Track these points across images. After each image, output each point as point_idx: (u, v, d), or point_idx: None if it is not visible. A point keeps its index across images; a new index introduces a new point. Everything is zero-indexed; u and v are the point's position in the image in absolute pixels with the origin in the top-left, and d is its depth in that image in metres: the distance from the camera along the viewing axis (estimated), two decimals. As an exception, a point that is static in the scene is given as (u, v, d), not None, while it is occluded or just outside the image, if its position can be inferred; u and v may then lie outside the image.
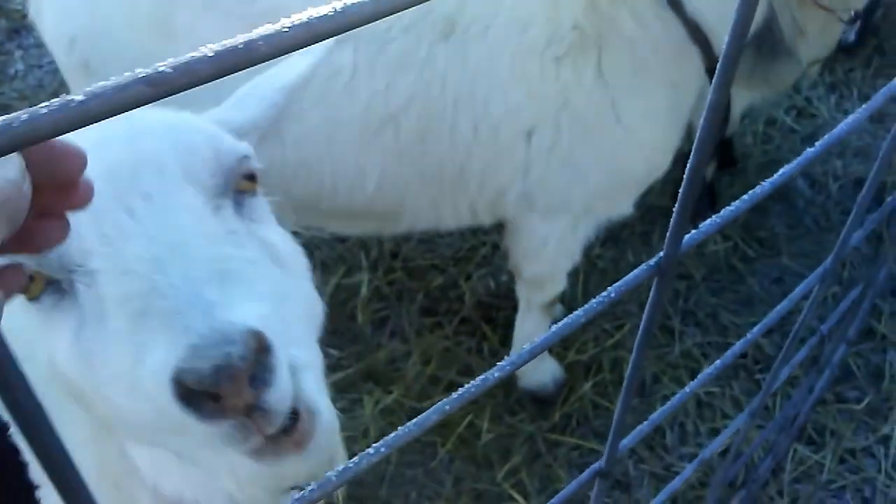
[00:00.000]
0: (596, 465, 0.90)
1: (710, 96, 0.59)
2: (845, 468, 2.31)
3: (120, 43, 1.93)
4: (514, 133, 1.94)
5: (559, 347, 2.64)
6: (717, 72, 0.58)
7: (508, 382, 2.54)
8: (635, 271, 0.72)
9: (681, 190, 0.67)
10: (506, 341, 2.62)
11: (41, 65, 3.66)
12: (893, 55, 3.72)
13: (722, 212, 0.74)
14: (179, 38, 1.89)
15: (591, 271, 2.88)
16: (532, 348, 0.70)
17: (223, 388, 0.70)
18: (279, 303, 0.85)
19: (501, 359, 2.23)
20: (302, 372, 0.82)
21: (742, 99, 2.70)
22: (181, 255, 0.78)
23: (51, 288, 0.83)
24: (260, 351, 0.73)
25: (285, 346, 0.78)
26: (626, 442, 0.93)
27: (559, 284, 2.38)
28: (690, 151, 1.99)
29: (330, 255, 2.96)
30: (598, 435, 2.43)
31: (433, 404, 2.03)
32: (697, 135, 0.62)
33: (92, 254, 0.79)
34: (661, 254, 0.71)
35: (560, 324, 0.70)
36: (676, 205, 0.67)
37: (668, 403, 1.00)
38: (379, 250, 2.96)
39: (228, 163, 0.92)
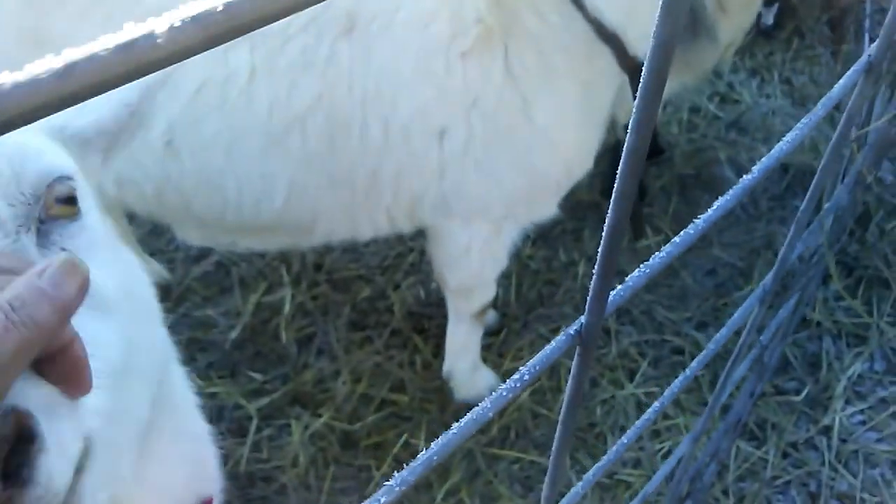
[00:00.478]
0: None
1: (629, 137, 0.48)
2: (789, 463, 2.27)
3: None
4: (425, 134, 1.83)
5: (494, 355, 2.54)
6: (633, 118, 0.48)
7: (443, 395, 2.42)
8: (553, 344, 0.62)
9: (601, 248, 0.56)
10: (438, 352, 2.50)
11: None
12: (812, 37, 3.74)
13: (650, 260, 0.65)
14: (52, 48, 1.71)
15: (523, 273, 2.79)
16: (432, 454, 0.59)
17: None
18: (108, 379, 0.71)
19: (435, 371, 2.11)
20: (93, 459, 0.67)
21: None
22: None
23: None
24: (21, 438, 0.58)
25: (78, 425, 0.65)
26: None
27: (488, 292, 2.28)
28: (616, 143, 1.88)
29: (249, 272, 2.80)
30: (538, 446, 2.33)
31: (365, 426, 1.90)
32: (617, 181, 0.51)
33: None
34: (582, 319, 0.60)
35: (465, 418, 0.62)
36: (597, 263, 0.56)
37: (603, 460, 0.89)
38: (301, 263, 2.80)
39: (31, 187, 0.77)
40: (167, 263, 2.80)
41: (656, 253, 0.66)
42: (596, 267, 0.56)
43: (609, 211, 0.53)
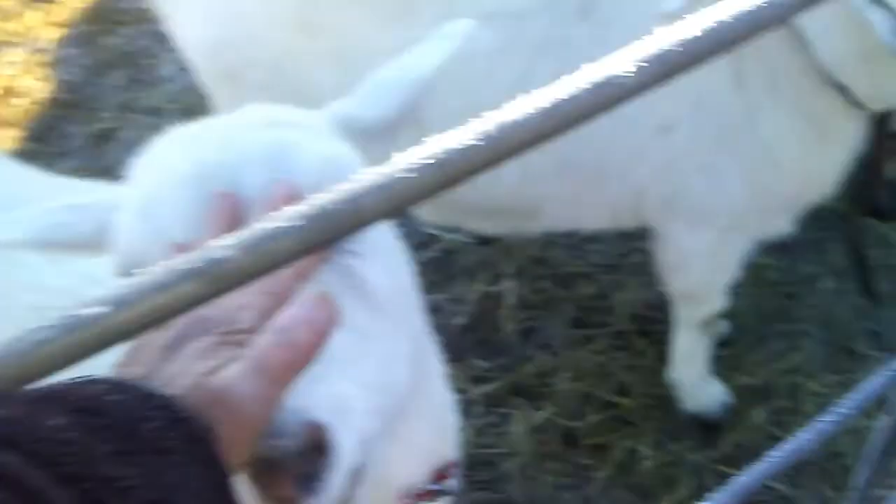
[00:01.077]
0: None
1: None
2: None
3: (261, 43, 1.88)
4: (650, 129, 1.77)
5: (725, 369, 2.41)
6: None
7: (670, 404, 2.34)
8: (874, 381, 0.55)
9: None
10: (663, 357, 2.42)
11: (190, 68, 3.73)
12: None
13: None
14: (319, 33, 1.82)
15: (759, 282, 2.62)
16: None
17: (270, 476, 0.64)
18: (361, 367, 0.76)
19: (660, 378, 2.04)
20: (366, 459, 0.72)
21: None
22: None
23: None
24: (315, 449, 0.65)
25: (359, 427, 0.71)
26: None
27: (716, 301, 2.16)
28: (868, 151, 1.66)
29: (472, 261, 2.84)
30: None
31: (587, 425, 1.87)
32: None
33: None
34: None
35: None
36: None
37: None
38: (525, 256, 2.81)
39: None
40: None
41: None
42: None
43: None
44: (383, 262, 0.87)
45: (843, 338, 2.46)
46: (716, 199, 1.86)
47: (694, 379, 2.30)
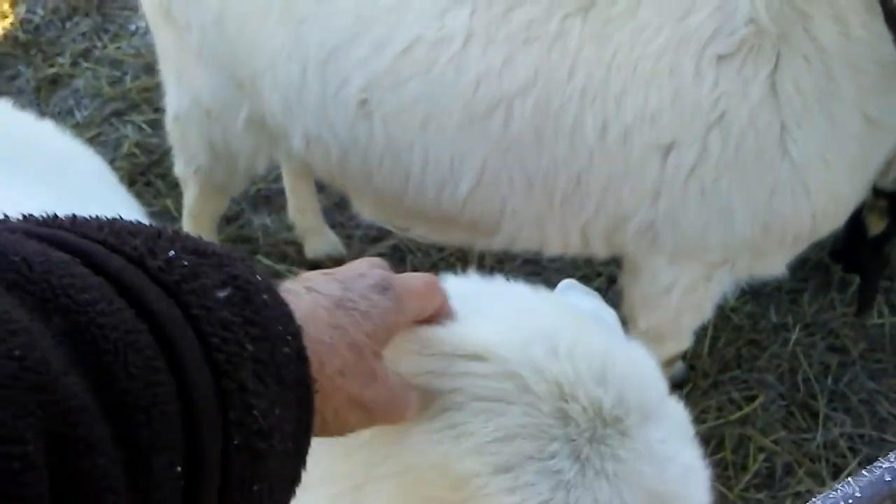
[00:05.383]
0: None
1: None
2: None
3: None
4: (647, 145, 1.58)
5: (673, 411, 2.21)
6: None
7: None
8: None
9: None
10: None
11: (163, 25, 3.55)
12: None
13: None
14: None
15: (722, 326, 2.43)
16: None
17: None
18: None
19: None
20: None
21: None
22: None
23: None
24: None
25: None
26: None
27: (682, 342, 1.98)
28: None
29: (423, 263, 2.64)
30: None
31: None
32: None
33: None
34: None
35: None
36: None
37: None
38: (479, 264, 2.61)
39: None
40: (345, 239, 2.71)
41: None
42: None
43: None
44: None
45: (804, 394, 2.26)
46: (711, 230, 1.67)
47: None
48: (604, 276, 2.57)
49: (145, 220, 1.45)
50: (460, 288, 0.72)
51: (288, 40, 1.65)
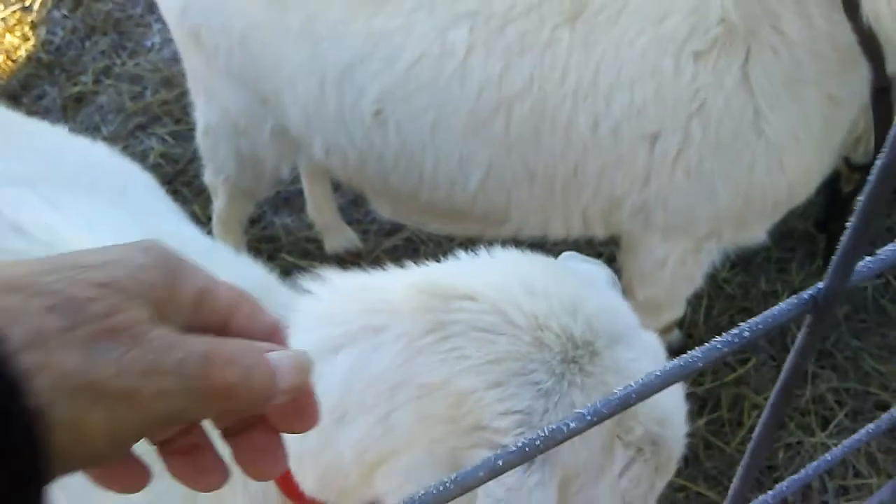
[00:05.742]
0: None
1: None
2: None
3: (230, 12, 1.86)
4: (636, 135, 1.74)
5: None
6: None
7: (611, 408, 2.32)
8: (782, 305, 0.55)
9: (862, 197, 0.49)
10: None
11: (177, 39, 3.72)
12: None
13: None
14: (290, 10, 1.80)
15: (716, 296, 2.61)
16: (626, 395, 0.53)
17: None
18: None
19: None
20: None
21: None
22: None
23: None
24: None
25: None
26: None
27: (677, 311, 2.16)
28: (835, 173, 1.65)
29: (435, 253, 2.82)
30: (708, 479, 2.18)
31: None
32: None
33: None
34: (821, 284, 0.53)
35: (671, 364, 0.54)
36: (854, 219, 0.49)
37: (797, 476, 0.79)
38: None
39: None
40: (361, 234, 2.89)
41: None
42: (851, 223, 0.49)
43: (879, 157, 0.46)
44: None
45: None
46: (698, 207, 1.83)
47: (641, 385, 2.28)
48: (604, 256, 2.75)
49: (188, 224, 1.64)
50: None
51: (307, 59, 1.83)
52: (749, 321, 0.56)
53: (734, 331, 0.54)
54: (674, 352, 2.46)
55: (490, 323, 0.83)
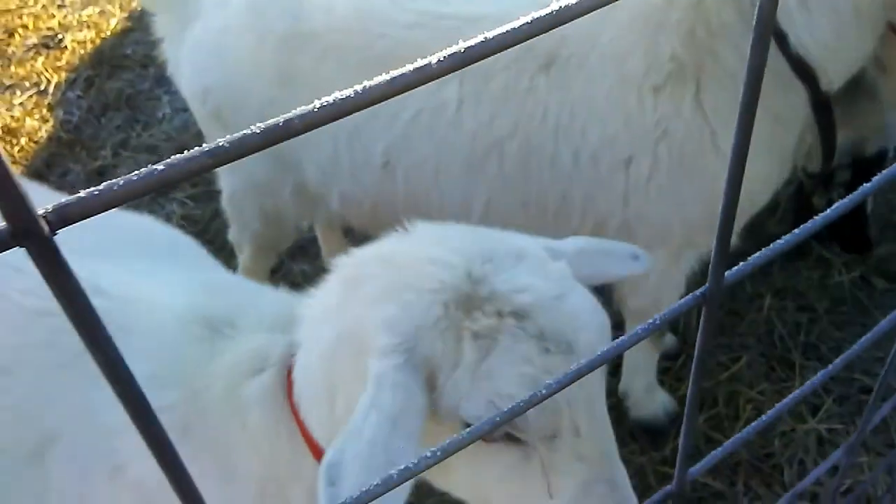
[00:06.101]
0: (667, 488, 0.91)
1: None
2: (985, 515, 2.15)
3: (244, 92, 2.10)
4: (612, 162, 1.96)
5: (672, 379, 2.61)
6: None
7: (618, 413, 2.53)
8: (682, 300, 0.74)
9: (719, 222, 0.69)
10: (616, 371, 2.61)
11: (186, 108, 3.97)
12: None
13: (771, 245, 0.74)
14: (299, 84, 2.04)
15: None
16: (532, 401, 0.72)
17: None
18: None
19: (611, 389, 2.23)
20: None
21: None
22: (612, 455, 1.11)
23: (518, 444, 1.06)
24: None
25: None
26: (696, 469, 0.94)
27: None
28: (802, 179, 1.92)
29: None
30: (711, 470, 2.37)
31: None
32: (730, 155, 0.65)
33: (561, 435, 1.04)
34: (706, 286, 0.73)
35: (609, 347, 0.70)
36: (716, 235, 0.69)
37: (745, 431, 1.00)
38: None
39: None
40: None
41: (782, 237, 0.76)
42: (715, 240, 0.69)
43: (725, 189, 0.66)
44: None
45: (782, 350, 2.65)
46: (672, 219, 2.04)
47: (642, 389, 2.48)
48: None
49: (227, 274, 1.88)
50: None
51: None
52: (658, 315, 0.75)
53: (649, 321, 0.73)
54: (670, 357, 2.67)
55: (432, 273, 1.05)
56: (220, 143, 0.40)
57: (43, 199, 1.78)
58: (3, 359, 1.32)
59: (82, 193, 0.36)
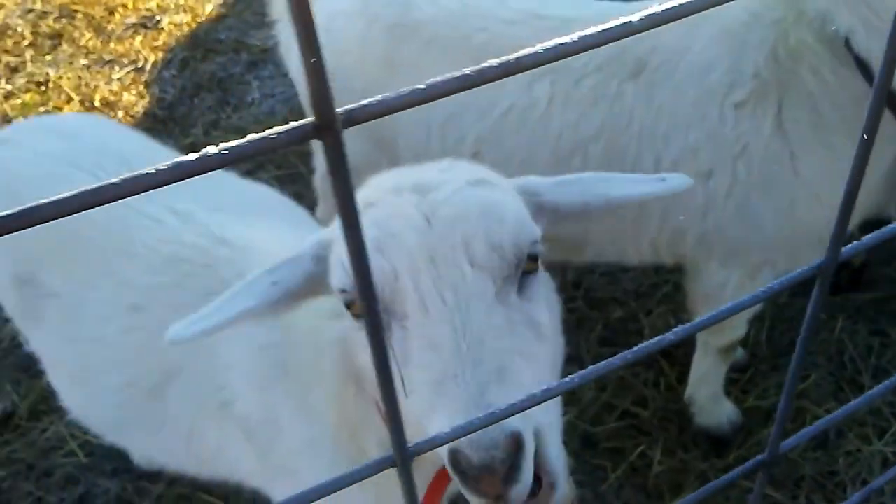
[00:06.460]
0: (760, 457, 0.95)
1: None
2: None
3: (351, 75, 2.20)
4: (692, 173, 1.91)
5: (738, 391, 2.62)
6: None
7: (683, 418, 2.55)
8: (799, 270, 0.79)
9: (842, 200, 0.73)
10: (683, 378, 2.63)
11: (274, 94, 4.13)
12: None
13: (884, 228, 0.78)
14: (402, 70, 2.13)
15: (778, 318, 2.83)
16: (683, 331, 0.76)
17: (483, 480, 0.92)
18: (536, 382, 1.01)
19: (677, 395, 2.27)
20: (546, 436, 1.01)
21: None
22: (475, 352, 0.99)
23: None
24: (516, 451, 0.93)
25: (534, 420, 0.97)
26: (788, 443, 0.98)
27: (738, 330, 2.36)
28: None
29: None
30: (774, 482, 2.39)
31: (605, 431, 2.10)
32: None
33: (410, 317, 1.03)
34: (823, 258, 0.78)
35: (717, 311, 0.77)
36: (839, 209, 0.72)
37: (841, 409, 1.03)
38: (562, 279, 3.07)
39: (523, 252, 1.06)
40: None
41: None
42: (837, 215, 0.73)
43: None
44: (546, 303, 1.15)
45: (851, 371, 2.64)
46: (750, 237, 2.04)
47: (708, 398, 2.50)
48: (671, 283, 3.00)
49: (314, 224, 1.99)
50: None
51: (416, 111, 2.15)
52: (777, 280, 0.81)
53: (766, 286, 0.78)
54: (738, 369, 2.68)
55: (395, 203, 1.09)
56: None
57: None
58: (138, 298, 1.43)
59: (364, 102, 0.43)
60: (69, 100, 4.17)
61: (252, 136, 0.43)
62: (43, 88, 4.29)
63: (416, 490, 0.64)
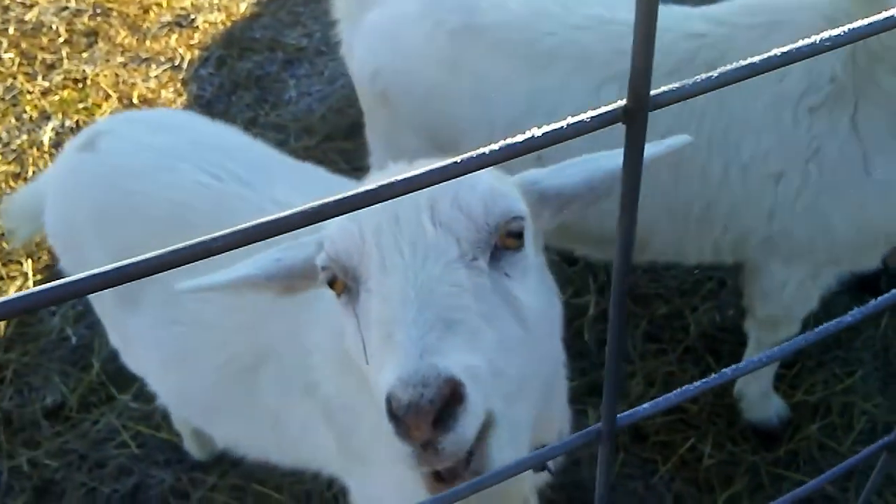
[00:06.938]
0: (885, 440, 0.97)
1: None
2: None
3: (414, 79, 2.24)
4: (762, 177, 2.00)
5: (786, 386, 2.66)
6: None
7: (731, 413, 2.59)
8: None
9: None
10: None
11: (311, 92, 4.17)
12: None
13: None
14: (465, 74, 2.17)
15: (824, 314, 2.85)
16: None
17: (408, 419, 0.87)
18: (501, 358, 0.99)
19: (726, 390, 2.30)
20: (496, 427, 0.97)
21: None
22: (423, 299, 0.97)
23: (346, 291, 1.10)
24: (452, 399, 0.88)
25: (489, 399, 0.93)
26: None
27: (793, 328, 2.39)
28: None
29: (559, 277, 3.14)
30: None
31: (654, 425, 2.14)
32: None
33: (371, 277, 1.04)
34: None
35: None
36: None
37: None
38: (606, 275, 3.10)
39: (495, 220, 1.04)
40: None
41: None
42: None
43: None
44: (536, 292, 1.11)
45: (897, 367, 2.68)
46: (817, 238, 2.05)
47: (758, 393, 2.54)
48: (714, 280, 3.04)
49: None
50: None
51: (478, 114, 2.17)
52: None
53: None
54: (786, 365, 2.72)
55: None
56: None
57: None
58: None
59: (675, 84, 0.47)
60: (107, 97, 4.22)
61: (569, 120, 0.48)
62: (80, 85, 4.33)
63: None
